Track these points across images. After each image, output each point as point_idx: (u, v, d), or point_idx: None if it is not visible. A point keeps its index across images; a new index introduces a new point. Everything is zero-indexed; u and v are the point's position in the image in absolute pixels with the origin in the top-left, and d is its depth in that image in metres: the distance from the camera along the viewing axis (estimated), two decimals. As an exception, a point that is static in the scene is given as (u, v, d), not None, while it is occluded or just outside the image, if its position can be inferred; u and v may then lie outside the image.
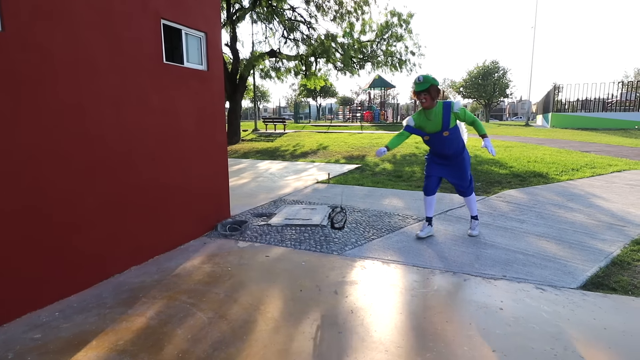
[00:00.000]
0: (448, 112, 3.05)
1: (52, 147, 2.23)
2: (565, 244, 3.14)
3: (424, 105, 3.04)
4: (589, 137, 13.25)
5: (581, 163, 7.10)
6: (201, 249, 3.14)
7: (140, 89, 2.79)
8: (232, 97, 12.68)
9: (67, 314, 2.14)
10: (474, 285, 2.42)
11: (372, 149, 9.56)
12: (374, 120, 24.00)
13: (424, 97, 2.98)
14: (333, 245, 3.18)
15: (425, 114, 3.09)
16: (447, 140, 3.12)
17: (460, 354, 1.72)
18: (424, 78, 2.96)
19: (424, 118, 3.11)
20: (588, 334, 1.88)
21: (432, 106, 3.03)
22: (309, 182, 5.92)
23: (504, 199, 4.64)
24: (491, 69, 36.21)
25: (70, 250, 2.35)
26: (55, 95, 2.23)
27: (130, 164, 2.73)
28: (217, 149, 3.66)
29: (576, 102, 22.51)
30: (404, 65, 13.16)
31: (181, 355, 1.74)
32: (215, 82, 3.59)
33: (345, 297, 2.28)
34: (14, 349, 1.81)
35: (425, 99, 2.99)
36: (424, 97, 2.98)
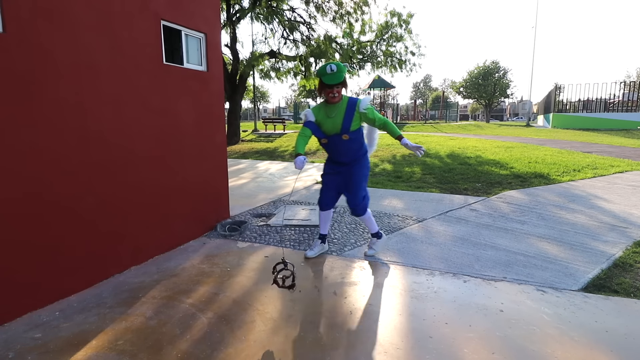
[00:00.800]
0: (352, 111, 2.55)
1: (53, 146, 2.22)
2: (566, 246, 3.12)
3: (334, 101, 2.53)
4: (590, 138, 13.22)
5: (583, 164, 7.08)
6: (200, 249, 3.14)
7: (140, 89, 2.78)
8: (231, 98, 12.69)
9: (67, 313, 2.13)
10: (474, 287, 2.40)
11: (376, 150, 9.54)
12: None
13: (337, 90, 2.49)
14: (332, 245, 3.16)
15: (326, 110, 2.58)
16: (346, 145, 2.61)
17: (460, 355, 1.71)
18: (337, 67, 2.44)
19: (324, 114, 2.58)
20: (589, 336, 1.86)
21: (339, 100, 2.56)
22: (308, 183, 5.91)
23: (505, 200, 4.62)
24: (492, 69, 36.16)
25: (70, 250, 2.35)
26: (56, 95, 2.22)
27: (130, 164, 2.72)
28: (216, 150, 3.66)
29: (578, 103, 22.47)
30: (404, 65, 13.16)
31: (180, 356, 1.73)
32: (215, 83, 3.58)
33: (344, 298, 2.26)
34: (14, 348, 1.80)
35: (337, 93, 2.51)
36: (337, 91, 2.50)
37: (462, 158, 7.89)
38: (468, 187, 5.37)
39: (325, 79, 2.45)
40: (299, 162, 2.40)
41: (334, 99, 2.52)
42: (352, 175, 2.71)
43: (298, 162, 2.40)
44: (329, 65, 2.44)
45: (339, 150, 2.66)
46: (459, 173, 6.33)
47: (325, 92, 2.51)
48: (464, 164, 7.21)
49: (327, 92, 2.50)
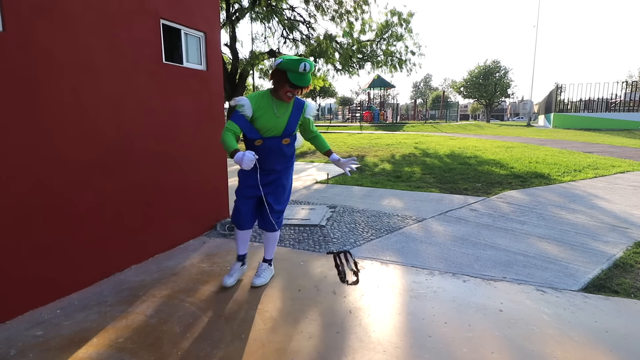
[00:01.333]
0: (298, 114, 2.22)
1: (52, 146, 2.22)
2: (566, 246, 3.12)
3: (287, 100, 2.13)
4: (591, 138, 13.21)
5: (584, 164, 7.07)
6: (201, 248, 3.14)
7: (140, 88, 2.78)
8: (231, 97, 12.69)
9: (68, 311, 2.14)
10: (473, 287, 2.40)
11: (371, 149, 9.55)
12: (374, 121, 24.00)
13: (297, 91, 2.12)
14: (332, 245, 3.16)
15: (274, 104, 2.14)
16: (283, 150, 2.24)
17: (459, 355, 1.71)
18: (310, 67, 2.02)
19: (267, 109, 2.13)
20: (589, 336, 1.86)
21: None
22: (307, 182, 5.90)
23: (505, 200, 4.62)
24: (492, 68, 36.14)
25: (71, 248, 2.35)
26: (55, 94, 2.22)
27: (129, 163, 2.72)
28: (216, 149, 3.65)
29: (579, 102, 22.46)
30: (404, 65, 13.14)
31: (180, 354, 1.73)
32: (215, 82, 3.58)
33: (343, 298, 2.26)
34: (16, 346, 1.81)
35: (296, 94, 2.15)
36: (297, 92, 2.12)
37: (462, 158, 7.88)
38: (468, 187, 5.37)
39: (293, 77, 2.00)
40: (249, 159, 1.91)
41: (288, 99, 2.12)
42: (281, 185, 2.31)
43: (247, 161, 1.91)
44: (304, 63, 1.98)
45: (273, 155, 2.21)
46: (459, 173, 6.32)
47: (284, 90, 2.06)
48: (464, 163, 7.21)
49: (287, 90, 2.07)
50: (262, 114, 2.13)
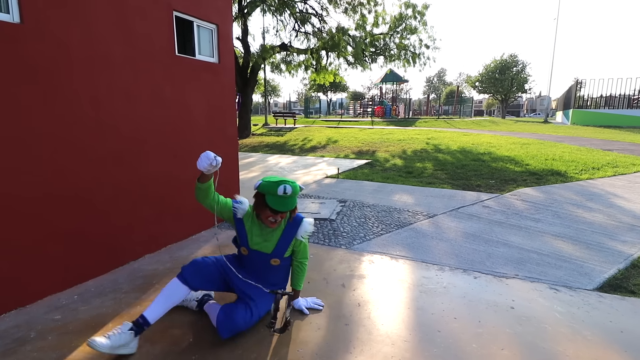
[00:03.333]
0: (291, 234, 1.89)
1: (69, 137, 2.27)
2: (582, 245, 3.05)
3: (271, 226, 1.83)
4: (611, 135, 12.82)
5: (602, 162, 6.88)
6: (212, 240, 3.18)
7: (153, 81, 2.81)
8: (242, 91, 12.74)
9: (85, 297, 2.20)
10: (484, 283, 2.37)
11: (382, 145, 9.48)
12: (386, 116, 23.78)
13: (282, 217, 1.81)
14: (341, 239, 3.16)
15: (260, 226, 1.89)
16: (272, 271, 1.92)
17: (469, 351, 1.69)
18: (293, 189, 1.74)
19: (256, 229, 1.89)
20: (603, 336, 1.82)
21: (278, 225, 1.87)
22: (318, 177, 5.90)
23: (519, 197, 4.53)
24: (509, 62, 35.27)
25: (88, 237, 2.41)
26: (71, 86, 2.27)
27: (143, 154, 2.77)
28: (227, 142, 3.68)
29: (599, 99, 21.77)
30: (418, 59, 12.95)
31: (192, 340, 1.77)
32: (227, 75, 3.60)
33: (352, 291, 2.27)
34: (36, 329, 1.87)
35: (280, 219, 1.82)
36: (281, 217, 1.81)
37: (475, 154, 7.76)
38: (481, 183, 5.29)
39: (272, 201, 1.73)
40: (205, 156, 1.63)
41: (272, 224, 1.82)
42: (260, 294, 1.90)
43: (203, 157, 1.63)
44: (283, 185, 1.72)
45: (259, 272, 1.92)
46: (471, 169, 6.23)
47: (265, 215, 1.79)
48: (477, 160, 7.09)
49: (268, 215, 1.78)
50: (250, 229, 1.88)
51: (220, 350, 1.70)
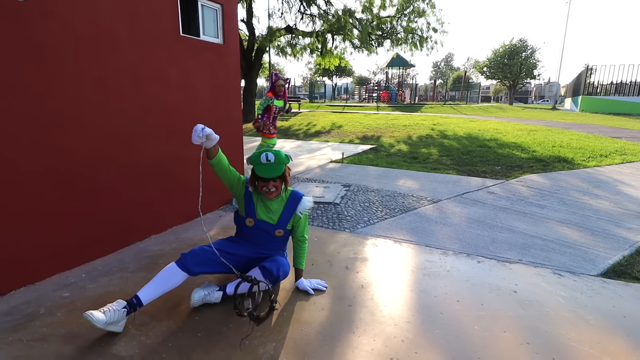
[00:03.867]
0: (292, 208, 2.03)
1: (76, 116, 2.27)
2: (587, 231, 3.04)
3: (269, 196, 1.95)
4: (621, 123, 12.60)
5: (610, 149, 6.78)
6: (217, 222, 3.21)
7: (158, 61, 2.78)
8: (247, 75, 12.60)
9: (92, 276, 2.24)
10: (488, 268, 2.38)
11: (387, 130, 9.40)
12: (391, 101, 23.49)
13: (273, 185, 1.92)
14: (345, 223, 3.18)
15: (263, 201, 2.01)
16: (275, 241, 2.06)
17: (470, 332, 1.71)
18: (275, 157, 1.89)
19: (260, 202, 2.02)
20: (606, 320, 1.83)
21: (277, 195, 1.99)
22: (322, 161, 5.89)
23: (525, 184, 4.50)
24: (519, 47, 34.45)
25: (95, 217, 2.44)
26: (76, 65, 2.25)
27: (148, 135, 2.77)
28: (232, 125, 3.66)
29: (610, 85, 21.32)
30: (425, 43, 12.68)
31: (197, 318, 1.80)
32: (231, 56, 3.55)
33: (356, 273, 2.29)
34: (45, 305, 1.92)
35: (274, 188, 1.93)
36: (273, 186, 1.92)
37: (481, 140, 7.68)
38: (487, 169, 5.25)
39: (259, 169, 1.90)
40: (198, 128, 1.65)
41: (269, 195, 1.94)
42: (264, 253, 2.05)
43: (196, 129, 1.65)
44: (265, 153, 1.89)
45: (261, 241, 2.05)
46: (477, 155, 6.17)
47: (260, 186, 1.95)
48: (483, 146, 7.02)
49: (261, 185, 1.93)
50: (257, 201, 2.01)
51: (225, 328, 1.74)
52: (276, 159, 1.89)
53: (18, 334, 1.67)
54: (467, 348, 1.61)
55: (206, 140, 1.71)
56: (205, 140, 1.70)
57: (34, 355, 1.54)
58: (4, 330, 1.71)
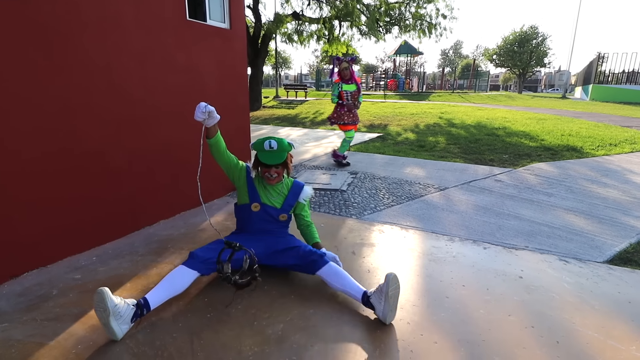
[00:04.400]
0: (295, 196, 2.10)
1: (83, 100, 2.29)
2: (594, 219, 3.03)
3: (271, 182, 2.02)
4: (632, 112, 12.36)
5: (620, 138, 6.68)
6: (224, 208, 3.24)
7: (164, 46, 2.78)
8: (253, 63, 12.51)
9: (103, 259, 2.29)
10: (493, 254, 2.39)
11: (394, 118, 9.33)
12: (399, 89, 23.23)
13: (275, 171, 1.98)
14: (352, 209, 3.19)
15: (264, 185, 2.07)
16: (277, 224, 2.09)
17: (476, 316, 1.74)
18: (278, 144, 1.95)
19: (262, 187, 2.07)
20: (610, 306, 1.84)
21: (279, 181, 2.07)
22: (329, 149, 5.88)
23: (533, 172, 4.47)
24: (529, 35, 33.68)
25: (105, 201, 2.48)
26: (82, 48, 2.25)
27: (156, 120, 2.78)
28: (239, 111, 3.66)
29: (621, 74, 20.85)
30: (434, 29, 12.45)
31: (207, 300, 1.84)
32: (238, 42, 3.52)
33: (362, 258, 2.31)
34: (57, 287, 1.97)
35: (277, 174, 2.00)
36: (275, 172, 1.99)
37: (489, 129, 7.60)
38: (494, 158, 5.21)
39: (262, 156, 1.95)
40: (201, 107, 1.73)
41: (271, 181, 2.00)
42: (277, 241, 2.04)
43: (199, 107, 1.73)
44: (269, 141, 1.94)
45: (266, 226, 2.07)
46: (485, 144, 6.12)
47: (262, 172, 2.01)
48: (491, 134, 6.96)
49: (264, 171, 1.99)
50: (258, 185, 2.06)
51: (234, 310, 1.77)
52: (279, 146, 1.95)
53: (32, 314, 1.73)
54: (472, 331, 1.63)
55: (208, 118, 1.75)
56: (207, 117, 1.74)
57: (47, 334, 1.59)
58: (18, 310, 1.76)
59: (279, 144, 1.95)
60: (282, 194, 2.09)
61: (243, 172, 2.06)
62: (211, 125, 1.83)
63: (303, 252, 1.93)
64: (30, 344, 1.52)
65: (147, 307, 1.64)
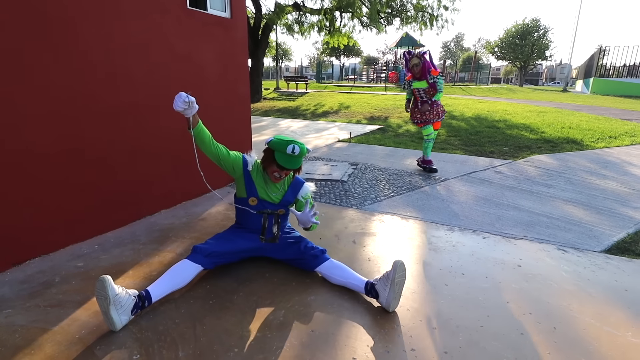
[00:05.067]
0: (295, 193, 2.03)
1: (84, 89, 2.28)
2: (593, 210, 3.05)
3: (275, 181, 1.96)
4: (632, 105, 12.34)
5: (620, 131, 6.69)
6: (225, 198, 3.25)
7: (166, 34, 2.76)
8: (254, 54, 12.41)
9: (105, 247, 2.31)
10: (493, 243, 2.41)
11: (395, 111, 9.30)
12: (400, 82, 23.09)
13: (286, 174, 1.93)
14: (353, 200, 3.20)
15: (266, 183, 2.00)
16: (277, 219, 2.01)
17: (475, 303, 1.76)
18: (300, 150, 1.86)
19: (262, 177, 2.00)
20: (608, 294, 1.86)
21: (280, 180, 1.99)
22: (329, 141, 5.88)
23: (532, 164, 4.48)
24: (531, 27, 33.41)
25: (107, 190, 2.48)
26: (83, 36, 2.24)
27: (157, 110, 2.77)
28: (240, 102, 3.65)
29: (622, 68, 20.76)
30: (435, 21, 12.35)
31: (209, 287, 1.86)
32: (239, 31, 3.50)
33: (363, 247, 2.33)
34: (60, 274, 1.99)
35: (285, 176, 1.94)
36: (285, 174, 1.93)
37: (490, 121, 7.59)
38: (494, 150, 5.22)
39: (280, 157, 1.86)
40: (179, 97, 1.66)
41: (276, 180, 1.95)
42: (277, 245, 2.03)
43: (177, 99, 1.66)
44: (292, 145, 1.85)
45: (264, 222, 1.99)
46: (485, 136, 6.12)
47: (271, 169, 1.91)
48: (491, 127, 6.95)
49: (274, 170, 1.90)
50: (256, 179, 1.98)
51: (236, 297, 1.79)
52: (300, 152, 1.86)
53: (35, 300, 1.74)
54: (471, 317, 1.65)
55: (188, 108, 1.69)
56: (188, 107, 1.68)
57: (51, 320, 1.60)
58: (21, 296, 1.77)
59: (301, 150, 1.86)
60: (282, 189, 2.03)
61: (239, 163, 1.97)
62: (190, 115, 1.74)
63: (304, 248, 1.96)
64: (33, 329, 1.54)
65: (149, 299, 1.64)
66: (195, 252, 1.85)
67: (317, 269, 1.92)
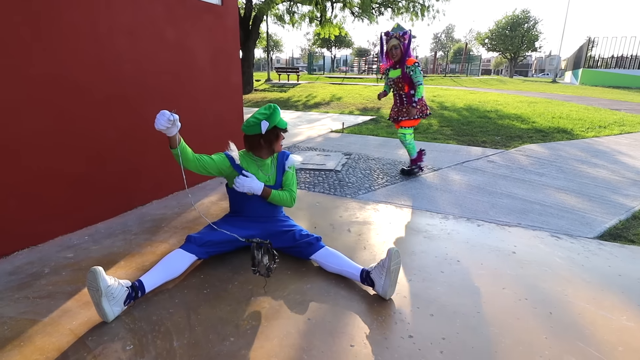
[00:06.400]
0: (282, 167, 2.06)
1: (72, 77, 2.19)
2: (584, 197, 3.08)
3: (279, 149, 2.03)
4: (620, 96, 12.52)
5: (609, 120, 6.77)
6: (218, 188, 3.20)
7: (155, 21, 2.67)
8: (244, 45, 12.21)
9: (96, 238, 2.25)
10: (487, 231, 2.42)
11: (388, 102, 9.27)
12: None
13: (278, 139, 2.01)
14: (347, 189, 3.18)
15: (255, 161, 2.01)
16: (273, 206, 2.05)
17: (471, 289, 1.76)
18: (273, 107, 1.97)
19: (253, 164, 2.00)
20: (601, 279, 1.88)
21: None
22: (322, 132, 5.83)
23: (524, 153, 4.51)
24: (521, 18, 33.55)
25: (96, 180, 2.42)
26: (71, 22, 2.15)
27: (147, 98, 2.70)
28: (232, 91, 3.58)
29: (610, 59, 21.02)
30: (427, 12, 12.29)
31: (203, 277, 1.83)
32: (230, 18, 3.41)
33: (358, 235, 2.32)
34: (49, 265, 1.93)
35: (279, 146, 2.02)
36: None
37: (481, 112, 7.61)
38: (487, 140, 5.24)
39: (282, 122, 1.95)
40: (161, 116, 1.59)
41: (279, 147, 2.02)
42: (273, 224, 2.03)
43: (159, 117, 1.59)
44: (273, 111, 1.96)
45: (264, 205, 2.02)
46: (477, 126, 6.14)
47: (279, 140, 1.99)
48: (483, 117, 6.98)
49: (281, 137, 2.00)
50: (247, 167, 1.98)
51: (231, 285, 1.77)
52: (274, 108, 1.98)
53: (24, 292, 1.69)
54: (467, 303, 1.65)
55: (172, 126, 1.63)
56: (171, 125, 1.61)
57: (41, 311, 1.56)
58: (9, 288, 1.72)
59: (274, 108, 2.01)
60: (273, 167, 2.05)
61: (225, 163, 1.93)
62: (173, 134, 1.67)
63: (299, 235, 1.93)
64: (23, 321, 1.50)
65: (142, 289, 1.60)
66: (189, 241, 1.82)
67: (312, 257, 1.89)
